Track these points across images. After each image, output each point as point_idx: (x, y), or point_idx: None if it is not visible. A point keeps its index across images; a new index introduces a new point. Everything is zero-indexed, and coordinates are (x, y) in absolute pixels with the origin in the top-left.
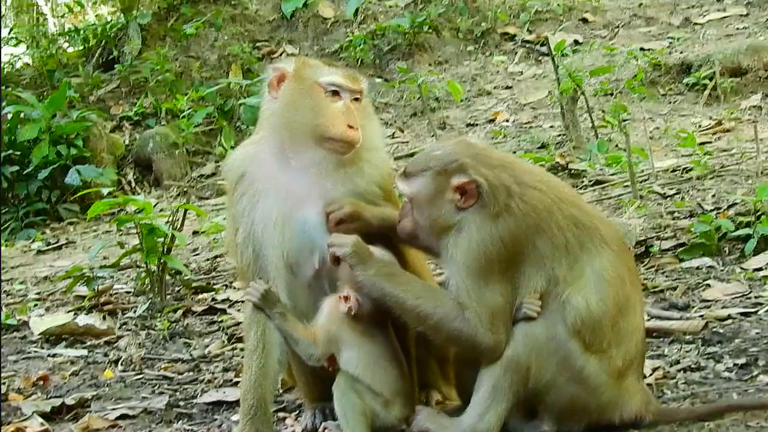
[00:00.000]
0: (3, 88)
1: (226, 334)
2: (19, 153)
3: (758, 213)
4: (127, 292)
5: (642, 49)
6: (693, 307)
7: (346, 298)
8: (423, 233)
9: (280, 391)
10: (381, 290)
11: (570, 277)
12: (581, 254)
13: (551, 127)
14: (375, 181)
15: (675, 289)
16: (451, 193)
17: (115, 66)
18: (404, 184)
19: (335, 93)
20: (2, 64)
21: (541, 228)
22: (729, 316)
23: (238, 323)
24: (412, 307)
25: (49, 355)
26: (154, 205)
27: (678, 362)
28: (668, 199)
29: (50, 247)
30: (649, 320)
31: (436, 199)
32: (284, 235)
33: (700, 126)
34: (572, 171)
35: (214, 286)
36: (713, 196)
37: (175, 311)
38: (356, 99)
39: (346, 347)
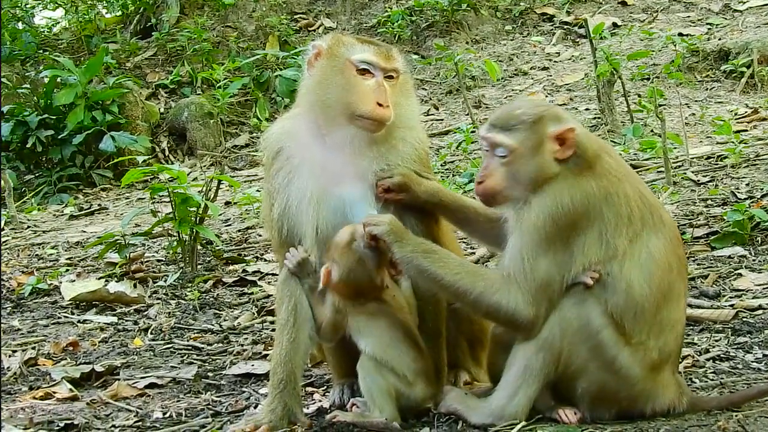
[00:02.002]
0: (41, 52)
1: (256, 306)
2: (54, 118)
3: None
4: (159, 261)
5: (680, 34)
6: (724, 296)
7: (328, 272)
8: (511, 190)
9: (309, 365)
10: (418, 267)
11: (628, 251)
12: (642, 229)
13: (587, 109)
14: (410, 159)
15: (706, 277)
16: (550, 143)
17: (153, 33)
18: (505, 136)
19: (366, 71)
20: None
21: (612, 195)
22: (760, 307)
23: (269, 296)
24: (450, 283)
25: (79, 321)
26: (187, 174)
27: (707, 351)
28: (702, 186)
29: (82, 212)
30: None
31: (537, 151)
32: (319, 212)
33: (736, 114)
34: None
35: (245, 258)
36: (747, 185)
37: (205, 281)
38: (390, 77)
39: (360, 335)
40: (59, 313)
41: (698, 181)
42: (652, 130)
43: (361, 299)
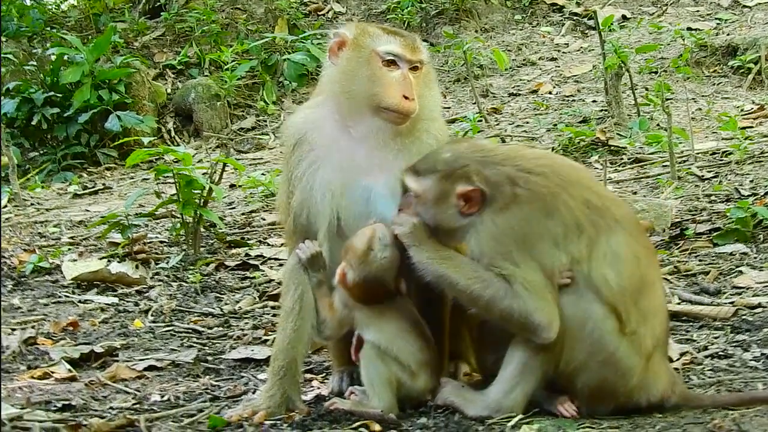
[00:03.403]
0: (48, 29)
1: (258, 290)
2: (60, 96)
3: None
4: (161, 242)
5: (689, 28)
6: (724, 293)
7: (344, 274)
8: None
9: (309, 352)
10: (434, 272)
11: (588, 256)
12: (596, 234)
13: (594, 101)
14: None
15: (707, 273)
16: (455, 199)
17: (162, 13)
18: (413, 180)
19: (392, 62)
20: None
21: (549, 211)
22: (759, 305)
23: (271, 280)
24: (464, 288)
25: (79, 301)
26: (193, 156)
27: (706, 348)
28: (706, 182)
29: (86, 191)
30: (679, 304)
31: (441, 202)
32: (341, 202)
33: (742, 110)
34: (612, 147)
35: (248, 242)
36: (751, 181)
37: (207, 264)
38: (415, 68)
39: (367, 325)
40: (60, 292)
41: (702, 176)
42: (658, 124)
43: (372, 302)
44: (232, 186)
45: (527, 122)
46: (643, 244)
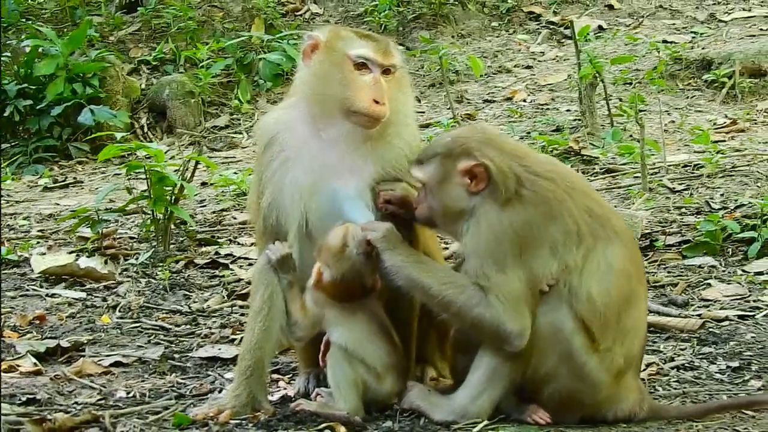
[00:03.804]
0: (23, 20)
1: (227, 289)
2: (33, 88)
3: (765, 217)
4: (131, 238)
5: (665, 41)
6: (692, 305)
7: (320, 273)
8: (439, 219)
9: (277, 353)
10: (407, 277)
11: (581, 265)
12: (594, 243)
13: (568, 110)
14: (404, 155)
15: (675, 285)
16: (459, 178)
17: (138, 8)
18: (417, 170)
19: (364, 66)
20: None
21: (553, 216)
22: (726, 318)
23: (240, 279)
24: (436, 293)
25: (47, 295)
26: (165, 152)
27: (672, 359)
28: (677, 194)
29: (57, 184)
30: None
31: (447, 184)
32: (309, 204)
33: (715, 124)
34: (584, 157)
35: (218, 240)
36: (722, 195)
37: (177, 262)
38: (387, 72)
39: (335, 326)
40: (28, 285)
41: (674, 188)
42: (631, 135)
43: (348, 299)
44: (203, 184)
45: (501, 129)
46: (636, 261)
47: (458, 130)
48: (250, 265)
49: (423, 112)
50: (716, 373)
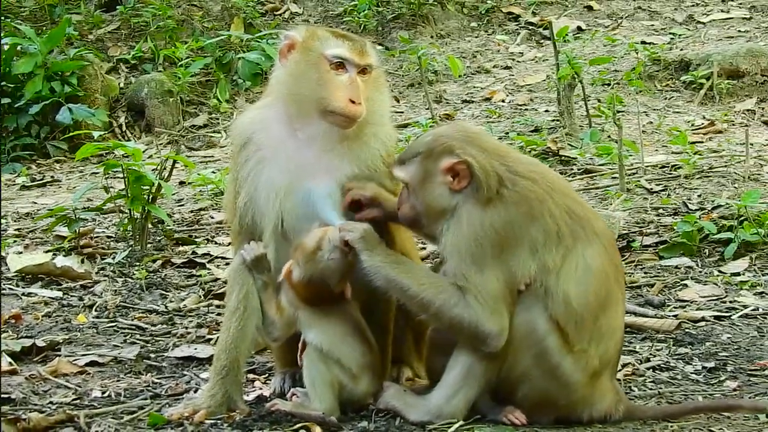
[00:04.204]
0: (2, 18)
1: (203, 289)
2: (12, 86)
3: (741, 218)
4: (108, 237)
5: (643, 42)
6: (668, 305)
7: (290, 271)
8: (422, 219)
9: (252, 353)
10: (385, 277)
11: (560, 265)
12: (573, 244)
13: (546, 111)
14: (380, 156)
15: (652, 286)
16: (442, 176)
17: (117, 7)
18: (399, 170)
19: (341, 66)
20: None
21: (533, 216)
22: (703, 318)
23: (216, 279)
24: (414, 294)
25: (23, 294)
26: (143, 151)
27: (648, 360)
28: (654, 195)
29: (35, 183)
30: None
31: (429, 183)
32: (284, 204)
33: (692, 125)
34: (562, 157)
35: (196, 240)
36: (699, 196)
37: (154, 261)
38: (364, 72)
39: (310, 326)
40: (4, 284)
41: (651, 189)
42: (609, 136)
43: (317, 303)
44: (181, 183)
45: (479, 129)
46: (615, 262)
47: (439, 129)
48: (227, 264)
49: (402, 112)
50: (692, 373)
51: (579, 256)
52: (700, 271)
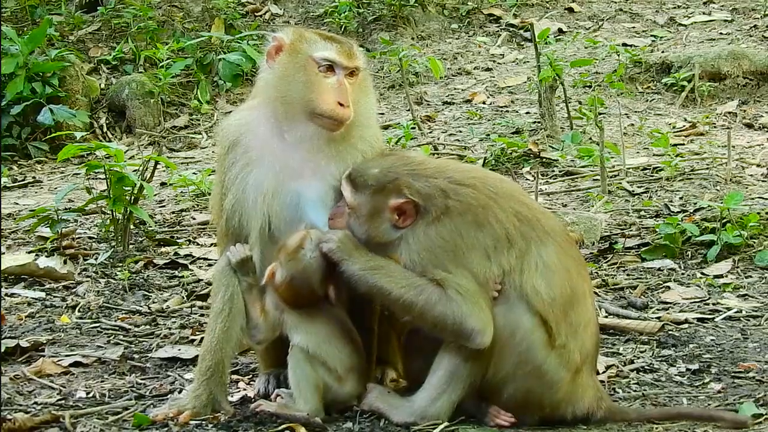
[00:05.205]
0: None
1: (186, 290)
2: None
3: (724, 220)
4: (90, 238)
5: (624, 44)
6: (651, 307)
7: (273, 273)
8: (360, 238)
9: (237, 354)
10: (367, 283)
11: (519, 267)
12: (526, 246)
13: (527, 113)
14: (367, 158)
15: (635, 288)
16: (389, 213)
17: (98, 8)
18: (349, 192)
19: (329, 68)
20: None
21: (479, 223)
22: (686, 321)
23: (199, 280)
24: (396, 297)
25: (6, 295)
26: (124, 152)
27: (632, 362)
28: (636, 197)
29: (16, 184)
30: (606, 317)
31: (376, 218)
32: (272, 206)
33: (674, 127)
34: (544, 159)
35: (178, 240)
36: (681, 198)
37: (136, 262)
38: (351, 74)
39: (295, 329)
40: None
41: (633, 191)
42: (590, 138)
43: (301, 305)
44: (163, 184)
45: (460, 131)
46: (573, 257)
47: (386, 161)
48: (210, 265)
49: (383, 114)
50: (676, 375)
51: (535, 256)
52: (683, 273)
